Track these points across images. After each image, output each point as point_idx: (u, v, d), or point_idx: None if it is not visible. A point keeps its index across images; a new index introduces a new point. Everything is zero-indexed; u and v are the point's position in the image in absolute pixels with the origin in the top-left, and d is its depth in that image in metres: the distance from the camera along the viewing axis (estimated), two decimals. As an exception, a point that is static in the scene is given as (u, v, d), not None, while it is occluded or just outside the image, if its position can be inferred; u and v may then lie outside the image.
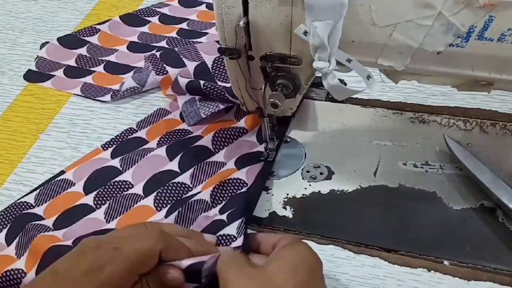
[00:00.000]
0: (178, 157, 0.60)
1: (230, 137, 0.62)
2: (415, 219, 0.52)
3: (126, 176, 0.60)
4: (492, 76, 0.43)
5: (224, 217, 0.52)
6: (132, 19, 0.84)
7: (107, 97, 0.71)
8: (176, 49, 0.72)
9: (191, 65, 0.68)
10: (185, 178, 0.58)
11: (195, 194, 0.56)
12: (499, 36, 0.39)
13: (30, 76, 0.76)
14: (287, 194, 0.56)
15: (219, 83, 0.66)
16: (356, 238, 0.51)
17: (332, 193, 0.56)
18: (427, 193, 0.54)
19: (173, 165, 0.59)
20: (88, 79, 0.75)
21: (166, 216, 0.54)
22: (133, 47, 0.79)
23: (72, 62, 0.78)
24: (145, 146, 0.63)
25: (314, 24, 0.40)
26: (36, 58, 0.78)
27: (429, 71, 0.44)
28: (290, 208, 0.55)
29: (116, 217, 0.56)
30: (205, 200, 0.55)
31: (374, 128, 0.61)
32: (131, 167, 0.60)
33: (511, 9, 0.38)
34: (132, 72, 0.73)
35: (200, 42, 0.76)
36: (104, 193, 0.58)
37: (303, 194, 0.56)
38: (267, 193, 0.56)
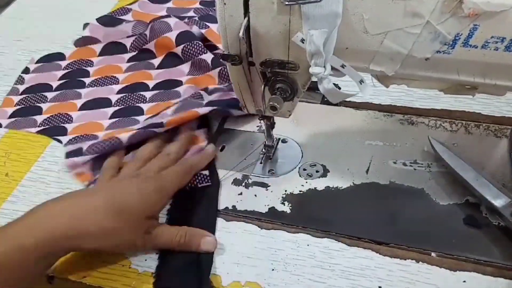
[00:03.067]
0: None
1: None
2: (404, 214, 0.52)
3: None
4: (476, 80, 0.43)
5: None
6: None
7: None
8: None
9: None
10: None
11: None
12: (483, 43, 0.39)
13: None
14: (285, 191, 0.56)
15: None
16: (349, 232, 0.51)
17: (327, 190, 0.55)
18: (415, 190, 0.54)
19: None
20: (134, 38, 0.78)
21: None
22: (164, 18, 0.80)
23: (115, 37, 0.80)
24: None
25: (310, 32, 0.40)
26: (81, 38, 0.81)
27: (418, 76, 0.44)
28: (288, 204, 0.55)
29: None
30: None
31: (366, 129, 0.61)
32: None
33: (494, 18, 0.38)
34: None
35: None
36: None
37: (300, 191, 0.56)
38: (266, 190, 0.56)
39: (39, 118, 0.68)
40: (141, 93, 0.70)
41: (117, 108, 0.68)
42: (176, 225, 0.52)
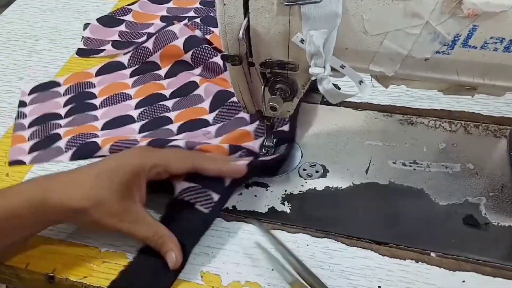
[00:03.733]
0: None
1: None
2: (403, 214, 0.52)
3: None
4: (475, 81, 0.43)
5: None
6: None
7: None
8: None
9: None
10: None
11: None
12: (482, 44, 0.39)
13: (82, 52, 0.79)
14: (285, 191, 0.56)
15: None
16: (349, 232, 0.51)
17: (327, 190, 0.56)
18: (415, 190, 0.54)
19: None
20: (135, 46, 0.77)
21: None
22: (165, 19, 0.80)
23: (116, 37, 0.80)
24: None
25: (310, 33, 0.40)
26: (82, 38, 0.81)
27: (417, 76, 0.44)
28: (288, 204, 0.55)
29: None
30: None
31: (366, 129, 0.61)
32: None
33: (494, 19, 0.38)
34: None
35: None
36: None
37: (300, 191, 0.56)
38: (267, 190, 0.56)
39: (62, 143, 0.63)
40: (161, 103, 0.68)
41: (143, 122, 0.66)
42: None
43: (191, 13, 0.81)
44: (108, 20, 0.83)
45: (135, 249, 0.51)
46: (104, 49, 0.78)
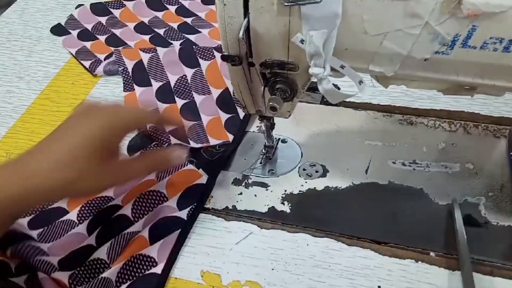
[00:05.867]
0: (96, 231, 0.53)
1: (150, 204, 0.55)
2: (403, 213, 0.53)
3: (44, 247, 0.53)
4: (475, 81, 0.43)
5: None
6: (154, 2, 0.86)
7: (87, 64, 0.76)
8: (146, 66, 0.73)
9: (155, 85, 0.70)
10: (102, 253, 0.51)
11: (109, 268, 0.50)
12: (482, 44, 0.39)
13: (56, 30, 0.84)
14: (285, 191, 0.56)
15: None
16: (349, 231, 0.52)
17: (327, 190, 0.56)
18: (414, 190, 0.54)
19: (91, 240, 0.53)
20: (88, 44, 0.79)
21: None
22: (139, 27, 0.82)
23: (89, 27, 0.82)
24: (64, 218, 0.56)
25: (310, 33, 0.40)
26: (68, 16, 0.84)
27: (417, 76, 0.44)
28: (288, 204, 0.55)
29: None
30: (110, 279, 0.49)
31: (365, 129, 0.61)
32: (50, 241, 0.54)
33: (493, 19, 0.38)
34: (105, 62, 0.75)
35: (188, 39, 0.78)
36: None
37: (299, 191, 0.56)
38: (266, 190, 0.56)
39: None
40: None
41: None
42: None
43: (161, 31, 0.80)
44: (99, 7, 0.86)
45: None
46: (70, 33, 0.82)
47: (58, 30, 0.84)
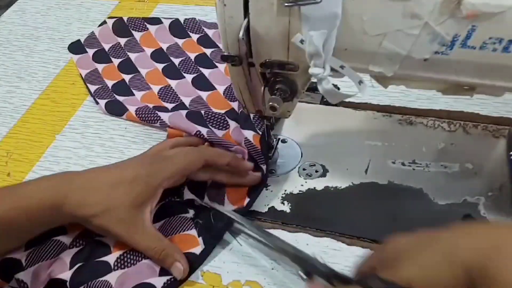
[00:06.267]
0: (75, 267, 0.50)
1: (135, 257, 0.51)
2: (403, 213, 0.53)
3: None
4: (474, 81, 0.43)
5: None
6: (178, 28, 0.82)
7: (93, 88, 0.73)
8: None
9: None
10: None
11: None
12: (481, 44, 0.39)
13: (74, 48, 0.80)
14: (285, 191, 0.56)
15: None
16: (349, 231, 0.52)
17: (327, 190, 0.56)
18: (414, 190, 0.54)
19: (67, 275, 0.49)
20: (100, 67, 0.76)
21: None
22: (155, 54, 0.78)
23: (107, 47, 0.80)
24: (59, 237, 0.52)
25: (310, 34, 0.40)
26: (89, 33, 0.82)
27: (416, 76, 0.44)
28: (288, 203, 0.55)
29: None
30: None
31: (365, 129, 0.62)
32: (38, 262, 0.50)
33: (492, 20, 0.38)
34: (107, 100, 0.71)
35: (201, 73, 0.74)
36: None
37: (299, 191, 0.56)
38: (267, 190, 0.56)
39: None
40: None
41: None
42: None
43: (177, 61, 0.76)
44: (121, 27, 0.82)
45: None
46: (87, 52, 0.79)
47: (75, 47, 0.80)
